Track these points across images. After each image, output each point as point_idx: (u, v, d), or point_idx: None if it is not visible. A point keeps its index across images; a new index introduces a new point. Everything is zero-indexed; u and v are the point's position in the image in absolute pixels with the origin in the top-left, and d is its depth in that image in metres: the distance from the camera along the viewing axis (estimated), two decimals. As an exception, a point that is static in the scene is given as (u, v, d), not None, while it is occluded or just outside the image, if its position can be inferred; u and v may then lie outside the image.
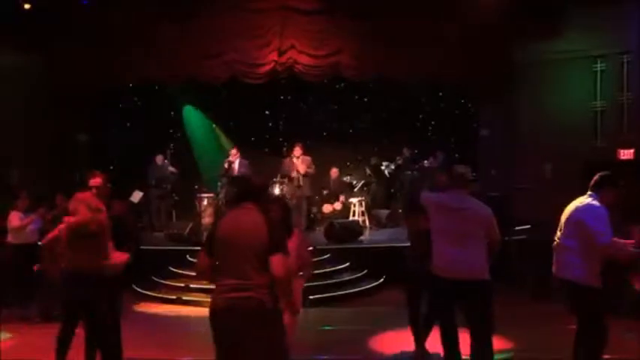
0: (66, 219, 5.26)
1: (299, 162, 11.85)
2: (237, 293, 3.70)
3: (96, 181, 5.71)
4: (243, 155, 12.14)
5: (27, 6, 10.26)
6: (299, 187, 11.68)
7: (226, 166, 11.93)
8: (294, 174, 11.73)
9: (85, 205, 5.08)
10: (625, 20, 10.67)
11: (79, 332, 5.22)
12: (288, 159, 11.96)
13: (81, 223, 5.05)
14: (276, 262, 3.72)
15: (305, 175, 11.82)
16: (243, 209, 3.92)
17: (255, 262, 3.74)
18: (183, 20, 11.30)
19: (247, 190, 4.02)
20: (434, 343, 5.59)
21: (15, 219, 8.41)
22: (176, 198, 12.86)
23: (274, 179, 11.56)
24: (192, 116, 14.00)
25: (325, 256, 9.79)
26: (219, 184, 12.32)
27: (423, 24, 11.21)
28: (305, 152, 12.02)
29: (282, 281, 3.80)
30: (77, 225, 5.07)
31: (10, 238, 8.42)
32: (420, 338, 5.92)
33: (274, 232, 3.81)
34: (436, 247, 5.01)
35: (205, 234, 10.03)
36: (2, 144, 10.90)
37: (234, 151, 12.06)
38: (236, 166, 11.94)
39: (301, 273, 4.96)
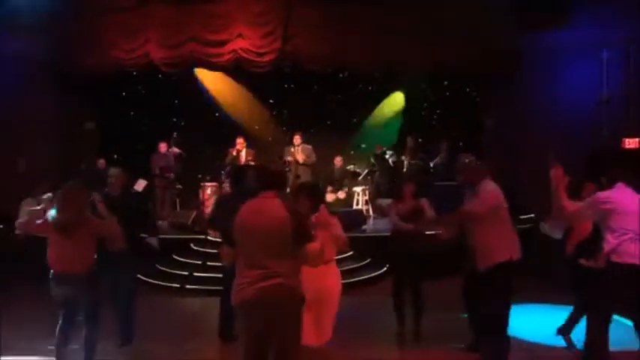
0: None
1: (298, 151, 11.83)
2: (266, 282, 3.73)
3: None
4: (249, 144, 12.13)
5: None
6: (297, 176, 11.65)
7: (234, 154, 11.91)
8: (292, 163, 11.72)
9: (72, 200, 4.98)
10: (632, 9, 10.57)
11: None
12: (288, 148, 11.96)
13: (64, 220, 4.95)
14: (309, 251, 3.88)
15: (304, 164, 11.78)
16: (262, 199, 3.93)
17: (280, 251, 3.78)
18: (185, 6, 11.26)
19: (265, 180, 4.03)
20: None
21: None
22: (180, 187, 12.86)
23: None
24: (206, 77, 13.69)
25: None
26: (222, 172, 12.31)
27: (430, 12, 11.14)
28: (305, 141, 11.99)
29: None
30: (60, 221, 4.96)
31: None
32: None
33: (299, 224, 3.83)
34: None
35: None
36: (8, 132, 10.92)
37: (240, 140, 12.02)
38: (243, 155, 11.93)
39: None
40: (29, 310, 7.18)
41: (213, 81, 13.74)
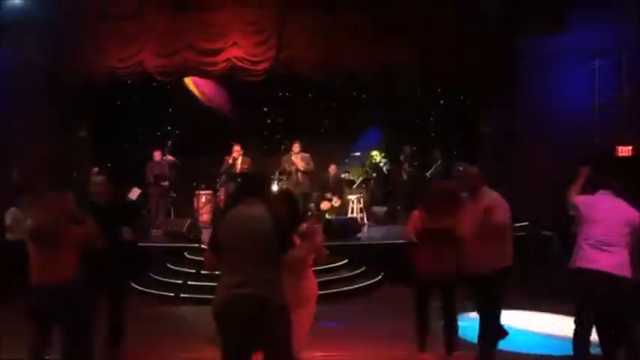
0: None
1: (297, 159, 11.86)
2: (239, 289, 3.71)
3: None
4: (245, 152, 12.14)
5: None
6: (298, 183, 11.70)
7: (230, 162, 11.91)
8: (292, 171, 11.74)
9: (48, 209, 4.95)
10: (624, 17, 10.65)
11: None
12: (287, 156, 11.97)
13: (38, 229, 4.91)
14: (288, 258, 3.91)
15: (304, 172, 11.83)
16: (246, 205, 3.92)
17: (262, 258, 3.76)
18: (180, 15, 11.27)
19: (250, 186, 4.05)
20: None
21: None
22: (174, 195, 12.84)
23: (272, 176, 11.58)
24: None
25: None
26: (217, 181, 12.31)
27: (424, 18, 11.19)
28: (303, 149, 12.02)
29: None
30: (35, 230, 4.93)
31: None
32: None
33: (282, 230, 3.83)
34: None
35: (204, 231, 10.12)
36: (2, 141, 10.88)
37: (237, 148, 12.02)
38: (239, 162, 11.94)
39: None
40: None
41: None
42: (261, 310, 3.68)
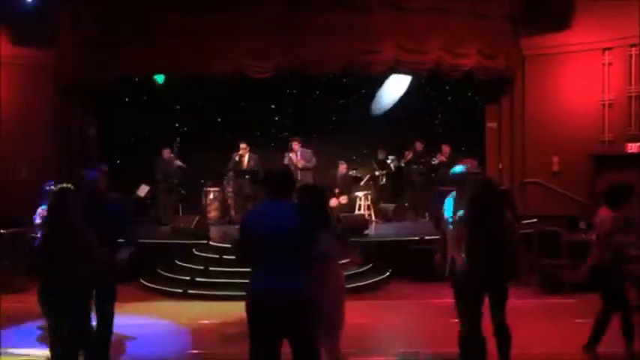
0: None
1: (297, 156, 11.82)
2: (271, 285, 3.80)
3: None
4: (252, 150, 12.14)
5: None
6: (298, 181, 11.56)
7: (237, 159, 11.92)
8: (292, 168, 11.66)
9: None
10: (633, 13, 10.61)
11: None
12: (288, 154, 11.94)
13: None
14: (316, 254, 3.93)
15: (304, 169, 11.75)
16: (271, 203, 4.00)
17: (288, 255, 3.84)
18: (188, 14, 11.26)
19: (277, 183, 4.08)
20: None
21: None
22: (182, 192, 12.88)
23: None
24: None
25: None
26: (225, 177, 12.35)
27: (431, 15, 11.16)
28: (304, 145, 11.97)
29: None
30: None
31: None
32: None
33: (306, 227, 3.90)
34: None
35: (212, 228, 10.07)
36: (11, 139, 10.94)
37: (243, 145, 12.02)
38: (246, 159, 11.94)
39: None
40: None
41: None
42: (290, 304, 3.78)
